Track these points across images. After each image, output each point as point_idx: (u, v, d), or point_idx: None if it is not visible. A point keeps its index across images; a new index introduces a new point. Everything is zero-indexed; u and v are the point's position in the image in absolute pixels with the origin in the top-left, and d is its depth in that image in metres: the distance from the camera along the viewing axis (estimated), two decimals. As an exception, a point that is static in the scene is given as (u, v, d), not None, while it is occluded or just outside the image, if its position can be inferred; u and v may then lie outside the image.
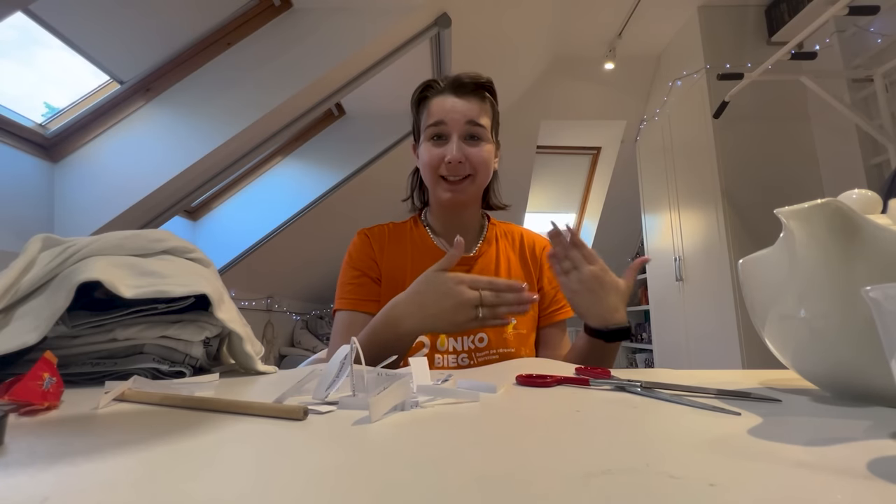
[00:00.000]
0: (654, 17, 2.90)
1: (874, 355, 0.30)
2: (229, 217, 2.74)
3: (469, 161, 0.80)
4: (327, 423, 0.30)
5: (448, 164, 0.79)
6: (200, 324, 0.57)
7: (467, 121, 0.80)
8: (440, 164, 0.80)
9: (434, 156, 0.80)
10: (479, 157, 0.81)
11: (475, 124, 0.80)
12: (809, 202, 0.33)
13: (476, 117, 0.80)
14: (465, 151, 0.80)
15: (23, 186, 1.57)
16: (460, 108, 0.80)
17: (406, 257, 0.85)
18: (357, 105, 2.84)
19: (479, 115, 0.81)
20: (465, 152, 0.80)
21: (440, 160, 0.80)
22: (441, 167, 0.80)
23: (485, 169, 0.82)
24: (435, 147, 0.81)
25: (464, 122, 0.80)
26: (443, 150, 0.80)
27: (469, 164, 0.80)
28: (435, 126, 0.81)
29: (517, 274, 0.88)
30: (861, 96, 2.32)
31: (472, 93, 0.82)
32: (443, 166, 0.80)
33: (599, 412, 0.33)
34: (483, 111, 0.82)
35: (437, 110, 0.81)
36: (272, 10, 1.90)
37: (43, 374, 0.34)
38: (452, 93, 0.82)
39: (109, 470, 0.21)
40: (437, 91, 0.83)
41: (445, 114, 0.80)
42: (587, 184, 4.39)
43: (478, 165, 0.81)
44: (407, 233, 0.89)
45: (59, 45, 1.59)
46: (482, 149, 0.81)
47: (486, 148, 0.82)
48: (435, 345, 0.79)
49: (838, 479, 0.19)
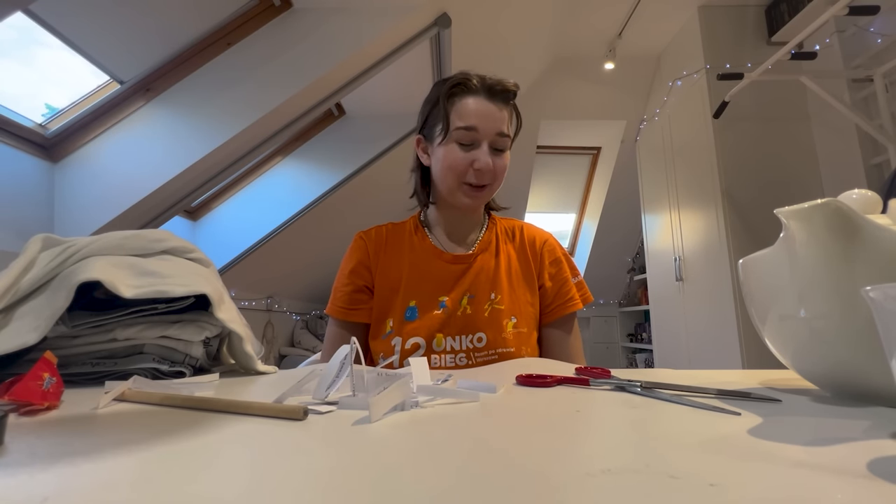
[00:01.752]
0: (654, 17, 2.90)
1: (874, 355, 0.30)
2: (229, 217, 2.74)
3: (494, 171, 0.80)
4: (327, 423, 0.30)
5: (477, 171, 0.79)
6: (200, 324, 0.57)
7: (498, 132, 0.79)
8: (467, 170, 0.79)
9: (462, 160, 0.79)
10: (501, 168, 0.81)
11: (503, 135, 0.80)
12: (809, 202, 0.33)
13: (506, 128, 0.80)
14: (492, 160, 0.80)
15: (23, 186, 1.57)
16: (495, 118, 0.79)
17: (403, 259, 0.85)
18: (357, 105, 2.84)
19: (507, 125, 0.81)
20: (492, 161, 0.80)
21: (467, 165, 0.79)
22: (468, 173, 0.79)
23: (501, 179, 0.83)
24: (463, 151, 0.79)
25: (495, 132, 0.79)
26: (471, 156, 0.79)
27: (492, 174, 0.80)
28: (467, 130, 0.79)
29: (516, 269, 0.87)
30: (861, 96, 2.32)
31: (504, 101, 0.81)
32: (470, 172, 0.79)
33: (599, 412, 0.33)
34: (510, 120, 0.82)
35: (473, 113, 0.79)
36: (272, 10, 1.90)
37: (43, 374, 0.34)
38: (488, 97, 0.80)
39: (109, 470, 0.21)
40: (472, 91, 0.80)
41: (479, 119, 0.78)
42: (587, 184, 4.39)
43: (499, 176, 0.81)
44: (406, 234, 0.89)
45: (59, 45, 1.59)
46: (504, 160, 0.81)
47: (507, 158, 0.82)
48: (431, 345, 0.78)
49: (838, 479, 0.19)
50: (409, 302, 0.82)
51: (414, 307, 0.81)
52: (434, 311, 0.81)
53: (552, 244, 0.91)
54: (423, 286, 0.82)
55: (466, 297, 0.82)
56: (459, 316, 0.81)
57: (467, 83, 0.81)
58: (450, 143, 0.80)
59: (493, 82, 0.80)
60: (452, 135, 0.80)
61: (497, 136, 0.79)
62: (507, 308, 0.82)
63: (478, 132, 0.79)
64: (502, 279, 0.84)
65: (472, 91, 0.80)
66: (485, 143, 0.79)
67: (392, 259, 0.86)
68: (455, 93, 0.81)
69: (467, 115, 0.79)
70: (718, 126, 2.54)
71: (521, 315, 0.83)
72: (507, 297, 0.83)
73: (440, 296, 0.82)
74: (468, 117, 0.79)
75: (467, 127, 0.78)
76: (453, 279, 0.83)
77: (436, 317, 0.80)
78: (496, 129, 0.79)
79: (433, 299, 0.82)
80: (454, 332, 0.79)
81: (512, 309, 0.82)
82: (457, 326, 0.79)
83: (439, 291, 0.82)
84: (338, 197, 2.95)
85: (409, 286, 0.83)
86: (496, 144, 0.80)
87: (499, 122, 0.79)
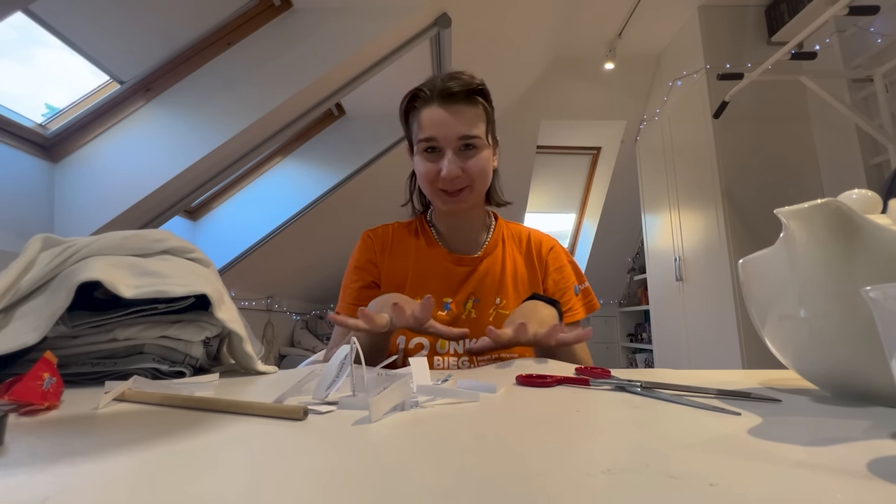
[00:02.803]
0: (654, 17, 2.90)
1: (874, 355, 0.30)
2: (229, 217, 2.75)
3: (466, 173, 0.78)
4: (327, 423, 0.30)
5: (444, 179, 0.77)
6: (200, 324, 0.57)
7: (459, 136, 0.77)
8: (436, 178, 0.78)
9: (429, 170, 0.78)
10: (476, 168, 0.78)
11: (468, 137, 0.77)
12: (809, 202, 0.33)
13: (468, 130, 0.77)
14: (460, 164, 0.77)
15: (23, 186, 1.57)
16: (451, 124, 0.77)
17: (409, 259, 0.85)
18: (357, 105, 2.84)
19: (471, 127, 0.77)
20: (461, 165, 0.77)
21: (436, 174, 0.78)
22: (438, 181, 0.78)
23: (482, 177, 0.80)
24: (429, 161, 0.78)
25: (455, 137, 0.77)
26: (437, 165, 0.78)
27: (466, 176, 0.78)
28: (426, 141, 0.78)
29: (522, 275, 0.86)
30: (861, 96, 2.32)
31: (464, 101, 0.78)
32: (439, 180, 0.78)
33: (599, 412, 0.33)
34: (476, 119, 0.79)
35: (428, 124, 0.78)
36: (272, 10, 1.90)
37: (43, 374, 0.34)
38: (441, 104, 0.77)
39: (109, 470, 0.21)
40: (425, 100, 0.79)
41: (436, 129, 0.77)
42: (587, 184, 4.39)
43: (475, 176, 0.79)
44: (412, 234, 0.89)
45: (59, 45, 1.59)
46: (478, 158, 0.79)
47: (483, 156, 0.79)
48: (434, 347, 0.79)
49: (838, 479, 0.19)
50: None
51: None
52: (438, 313, 0.81)
53: (558, 251, 0.90)
54: (427, 287, 0.82)
55: (471, 300, 0.82)
56: (464, 320, 0.81)
57: (420, 94, 0.80)
58: (419, 155, 0.80)
59: (445, 86, 0.77)
60: (417, 147, 0.80)
61: (459, 141, 0.77)
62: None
63: (437, 141, 0.77)
64: (508, 284, 0.84)
65: (425, 101, 0.79)
66: (448, 151, 0.77)
67: (398, 258, 0.86)
68: (413, 106, 0.81)
69: (424, 126, 0.78)
70: (718, 126, 2.54)
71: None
72: (513, 303, 0.83)
73: (444, 297, 0.82)
74: (425, 129, 0.78)
75: (426, 138, 0.78)
76: (458, 281, 0.83)
77: (439, 318, 0.80)
78: (456, 133, 0.77)
79: (437, 300, 0.81)
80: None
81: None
82: None
83: (444, 293, 0.82)
84: (338, 197, 2.95)
85: (414, 286, 0.83)
86: (462, 148, 0.78)
87: (457, 126, 0.77)
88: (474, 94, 0.79)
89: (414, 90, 0.81)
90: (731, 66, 2.54)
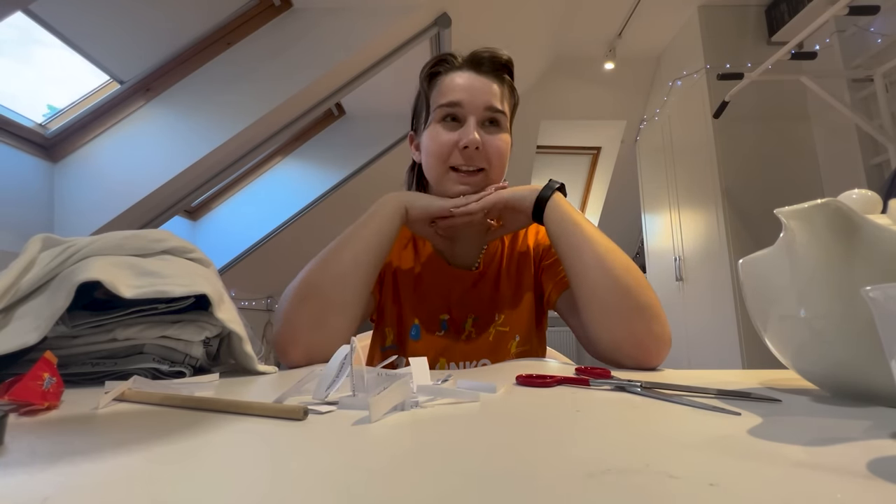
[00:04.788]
0: (654, 17, 2.90)
1: (874, 355, 0.30)
2: (229, 217, 2.75)
3: (485, 150, 0.69)
4: (327, 423, 0.30)
5: (463, 149, 0.68)
6: (200, 324, 0.57)
7: (487, 106, 0.69)
8: (452, 152, 0.69)
9: (445, 141, 0.69)
10: (497, 148, 0.70)
11: (496, 110, 0.70)
12: (809, 202, 0.33)
13: (497, 103, 0.70)
14: (482, 138, 0.69)
15: (23, 186, 1.57)
16: (480, 88, 0.69)
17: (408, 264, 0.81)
18: (357, 105, 2.84)
19: (500, 100, 0.70)
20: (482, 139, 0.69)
21: (452, 146, 0.69)
22: (453, 155, 0.69)
23: (500, 162, 0.71)
24: (447, 131, 0.69)
25: (483, 106, 0.69)
26: (456, 135, 0.69)
27: (484, 155, 0.69)
28: (449, 106, 0.69)
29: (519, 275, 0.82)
30: (861, 96, 2.32)
31: (493, 73, 0.72)
32: (455, 154, 0.69)
33: (599, 412, 0.33)
34: (504, 95, 0.72)
35: (453, 88, 0.70)
36: (272, 10, 1.90)
37: (43, 374, 0.34)
38: (473, 71, 0.71)
39: (109, 470, 0.21)
40: (453, 67, 0.72)
41: (463, 93, 0.69)
42: (587, 184, 4.39)
43: (493, 157, 0.70)
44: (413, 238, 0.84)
45: (59, 45, 1.59)
46: (501, 139, 0.70)
47: (504, 137, 0.71)
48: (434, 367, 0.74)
49: (838, 479, 0.19)
50: (413, 320, 0.77)
51: (417, 325, 0.77)
52: (436, 333, 0.77)
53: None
54: (425, 302, 0.78)
55: (471, 319, 0.78)
56: (463, 340, 0.77)
57: (449, 59, 0.73)
58: (435, 125, 0.71)
59: (479, 54, 0.71)
60: (434, 114, 0.71)
61: (486, 110, 0.69)
62: (510, 329, 0.77)
63: (462, 107, 0.69)
64: (506, 295, 0.79)
65: (454, 67, 0.72)
66: (471, 119, 0.69)
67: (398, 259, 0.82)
68: (436, 72, 0.73)
69: (449, 90, 0.70)
70: (718, 126, 2.54)
71: (525, 330, 0.78)
72: (511, 316, 0.78)
73: (442, 314, 0.78)
74: (449, 92, 0.70)
75: (449, 103, 0.69)
76: (457, 295, 0.79)
77: (438, 340, 0.76)
78: (485, 102, 0.69)
79: (435, 318, 0.78)
80: (458, 357, 0.75)
81: (516, 327, 0.78)
82: (460, 352, 0.75)
83: (441, 308, 0.78)
84: (338, 197, 2.95)
85: (413, 300, 0.78)
86: (487, 119, 0.70)
87: (486, 95, 0.69)
88: (505, 71, 0.74)
89: (441, 55, 0.74)
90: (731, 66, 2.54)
